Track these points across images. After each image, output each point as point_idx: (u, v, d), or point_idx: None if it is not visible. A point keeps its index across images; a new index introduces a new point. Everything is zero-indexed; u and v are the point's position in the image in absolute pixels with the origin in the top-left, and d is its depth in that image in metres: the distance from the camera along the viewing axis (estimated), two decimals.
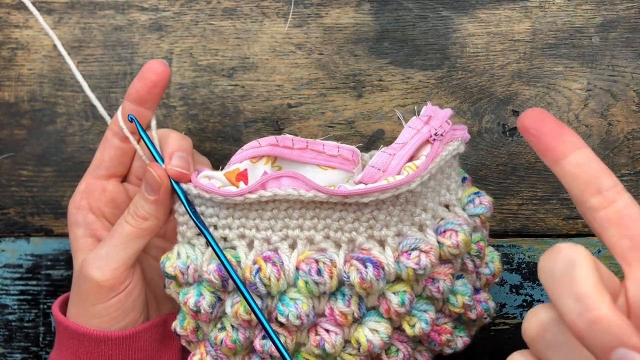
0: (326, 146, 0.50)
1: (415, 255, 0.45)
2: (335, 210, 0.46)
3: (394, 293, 0.46)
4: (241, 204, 0.46)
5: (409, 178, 0.44)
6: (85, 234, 0.51)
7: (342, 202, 0.45)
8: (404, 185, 0.44)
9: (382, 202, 0.45)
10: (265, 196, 0.45)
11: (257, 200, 0.45)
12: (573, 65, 0.58)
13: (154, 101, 0.49)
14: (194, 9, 0.60)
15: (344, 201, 0.45)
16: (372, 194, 0.44)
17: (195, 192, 0.47)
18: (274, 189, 0.45)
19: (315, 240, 0.47)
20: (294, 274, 0.46)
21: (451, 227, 0.47)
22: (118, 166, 0.51)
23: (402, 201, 0.46)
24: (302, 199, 0.45)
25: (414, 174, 0.45)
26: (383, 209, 0.46)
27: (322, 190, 0.45)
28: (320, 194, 0.45)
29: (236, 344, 0.47)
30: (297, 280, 0.46)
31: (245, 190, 0.45)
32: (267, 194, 0.45)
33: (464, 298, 0.48)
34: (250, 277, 0.45)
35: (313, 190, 0.45)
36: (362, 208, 0.45)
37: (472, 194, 0.50)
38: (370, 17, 0.59)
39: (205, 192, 0.46)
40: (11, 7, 0.61)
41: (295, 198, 0.45)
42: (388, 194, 0.44)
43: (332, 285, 0.45)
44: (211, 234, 0.47)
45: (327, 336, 0.47)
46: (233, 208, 0.46)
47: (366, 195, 0.44)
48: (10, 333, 0.62)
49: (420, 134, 0.47)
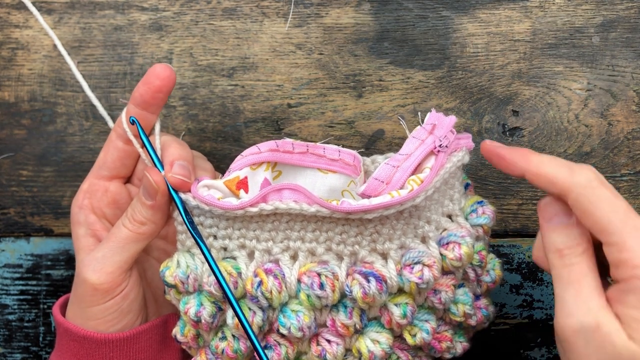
0: (327, 150, 0.50)
1: (418, 269, 0.45)
2: (337, 224, 0.45)
3: (396, 305, 0.46)
4: (241, 216, 0.46)
5: (413, 194, 0.44)
6: (87, 233, 0.51)
7: (345, 217, 0.45)
8: (408, 201, 0.44)
9: (386, 217, 0.45)
10: (266, 210, 0.45)
11: (258, 213, 0.45)
12: (573, 65, 0.58)
13: (158, 105, 0.49)
14: (194, 9, 0.60)
15: (347, 217, 0.44)
16: (376, 211, 0.44)
17: (194, 203, 0.46)
18: (276, 202, 0.44)
19: (317, 252, 0.46)
20: (296, 286, 0.46)
21: (454, 240, 0.46)
22: (121, 168, 0.51)
23: (405, 215, 0.45)
24: (304, 213, 0.45)
25: (418, 189, 0.44)
26: (387, 223, 0.45)
27: (325, 206, 0.44)
28: (323, 210, 0.44)
29: (237, 354, 0.47)
30: (299, 293, 0.45)
31: (246, 203, 0.45)
32: (269, 207, 0.44)
33: (465, 307, 0.48)
34: (252, 290, 0.45)
35: (315, 205, 0.44)
36: (365, 223, 0.45)
37: (475, 203, 0.49)
38: (370, 17, 0.59)
39: (205, 205, 0.46)
40: (11, 7, 0.61)
41: (297, 212, 0.45)
42: (392, 210, 0.44)
43: (334, 299, 0.45)
44: (207, 247, 0.46)
45: (328, 347, 0.47)
46: (233, 219, 0.46)
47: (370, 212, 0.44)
48: (10, 333, 0.62)
49: (424, 145, 0.46)
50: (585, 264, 0.42)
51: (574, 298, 0.41)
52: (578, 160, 0.58)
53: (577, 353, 0.40)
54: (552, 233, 0.43)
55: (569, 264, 0.42)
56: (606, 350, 0.39)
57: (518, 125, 0.59)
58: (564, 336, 0.41)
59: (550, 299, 0.60)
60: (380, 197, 0.44)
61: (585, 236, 0.42)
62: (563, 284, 0.42)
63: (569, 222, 0.43)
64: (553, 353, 0.60)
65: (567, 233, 0.43)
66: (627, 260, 0.39)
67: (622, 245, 0.40)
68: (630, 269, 0.39)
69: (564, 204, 0.43)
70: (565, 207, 0.43)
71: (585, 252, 0.42)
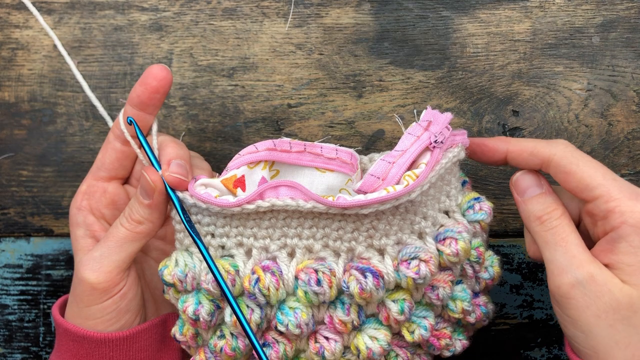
0: (324, 149, 0.50)
1: (414, 264, 0.45)
2: (334, 220, 0.46)
3: (394, 301, 0.46)
4: (239, 214, 0.46)
5: (409, 188, 0.44)
6: (86, 234, 0.51)
7: (341, 213, 0.45)
8: (404, 196, 0.44)
9: (382, 212, 0.45)
10: (263, 207, 0.45)
11: (255, 210, 0.45)
12: (573, 65, 0.58)
13: (156, 106, 0.49)
14: (194, 9, 0.60)
15: (343, 212, 0.45)
16: (372, 206, 0.44)
17: (191, 202, 0.46)
18: (272, 199, 0.45)
19: (314, 249, 0.46)
20: (293, 283, 0.46)
21: (451, 235, 0.46)
22: (119, 169, 0.51)
23: (401, 211, 0.46)
24: (301, 209, 0.45)
25: (414, 184, 0.44)
26: (383, 218, 0.45)
27: (321, 202, 0.44)
28: (319, 205, 0.44)
29: (236, 352, 0.47)
30: (297, 290, 0.46)
31: (243, 201, 0.45)
32: (265, 204, 0.45)
33: (463, 304, 0.48)
34: (249, 287, 0.45)
35: (312, 201, 0.44)
36: (361, 218, 0.45)
37: (472, 199, 0.50)
38: (370, 17, 0.59)
39: (202, 202, 0.46)
40: (11, 7, 0.61)
41: (294, 209, 0.45)
42: (388, 205, 0.44)
43: (331, 295, 0.45)
44: (205, 245, 0.46)
45: (326, 344, 0.47)
46: (230, 217, 0.46)
47: (366, 207, 0.44)
48: (11, 333, 0.62)
49: (420, 141, 0.46)
50: (567, 224, 0.45)
51: (563, 256, 0.44)
52: None
53: (576, 307, 0.42)
54: (529, 204, 0.47)
55: (551, 227, 0.45)
56: (604, 298, 0.42)
57: (518, 125, 0.59)
58: (560, 294, 0.43)
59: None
60: (376, 193, 0.45)
61: (559, 202, 0.46)
62: (550, 246, 0.45)
63: (542, 191, 0.47)
64: (553, 353, 0.60)
65: (542, 201, 0.46)
66: (614, 208, 0.42)
67: (607, 196, 0.43)
68: (619, 215, 0.42)
69: (535, 176, 0.47)
70: (536, 179, 0.47)
71: (563, 214, 0.45)
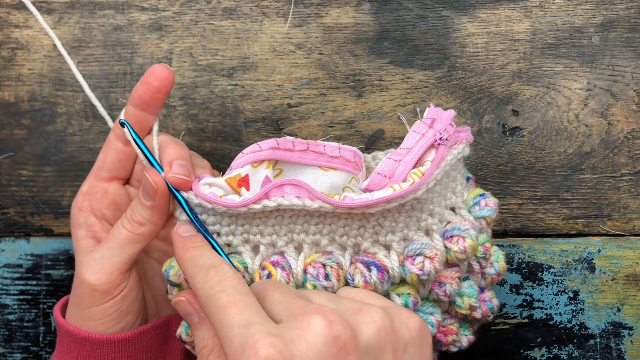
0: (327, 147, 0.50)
1: (419, 261, 0.45)
2: (340, 218, 0.46)
3: (398, 295, 0.46)
4: (245, 213, 0.46)
5: (415, 187, 0.44)
6: (87, 235, 0.51)
7: (348, 212, 0.45)
8: (410, 194, 0.44)
9: (388, 210, 0.45)
10: (269, 207, 0.45)
11: (262, 210, 0.45)
12: (573, 65, 0.58)
13: (157, 106, 0.49)
14: (194, 9, 0.60)
15: (349, 211, 0.45)
16: (379, 205, 0.44)
17: (196, 202, 0.46)
18: (278, 198, 0.45)
19: (322, 244, 0.47)
20: (302, 277, 0.46)
21: (458, 233, 0.47)
22: (120, 169, 0.51)
23: (408, 208, 0.46)
24: (307, 209, 0.45)
25: (420, 182, 0.44)
26: (389, 216, 0.45)
27: (327, 202, 0.44)
28: (326, 205, 0.44)
29: None
30: (306, 284, 0.46)
31: (249, 201, 0.45)
32: (272, 204, 0.45)
33: (471, 300, 0.48)
34: None
35: (318, 201, 0.44)
36: (368, 217, 0.45)
37: (477, 196, 0.50)
38: (371, 17, 0.59)
39: (208, 203, 0.46)
40: (11, 7, 0.61)
41: (300, 208, 0.45)
42: (394, 204, 0.44)
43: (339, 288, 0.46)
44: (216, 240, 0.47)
45: None
46: (236, 217, 0.46)
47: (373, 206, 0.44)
48: (11, 333, 0.62)
49: (425, 139, 0.47)
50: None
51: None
52: (579, 160, 0.58)
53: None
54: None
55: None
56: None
57: (518, 125, 0.59)
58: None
59: (551, 298, 0.60)
60: (383, 191, 0.45)
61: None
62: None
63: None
64: (553, 353, 0.60)
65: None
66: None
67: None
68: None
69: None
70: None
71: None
